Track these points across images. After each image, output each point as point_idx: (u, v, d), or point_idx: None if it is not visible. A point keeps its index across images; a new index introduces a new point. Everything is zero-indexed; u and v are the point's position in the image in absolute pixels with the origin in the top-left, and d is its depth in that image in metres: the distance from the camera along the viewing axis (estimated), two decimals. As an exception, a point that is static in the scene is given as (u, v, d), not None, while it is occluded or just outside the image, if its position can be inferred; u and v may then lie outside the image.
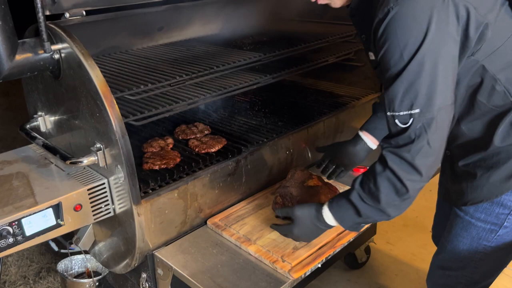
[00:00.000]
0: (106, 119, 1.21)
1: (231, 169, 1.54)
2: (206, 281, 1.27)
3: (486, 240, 1.25)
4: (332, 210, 1.21)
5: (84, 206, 1.30)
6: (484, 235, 1.25)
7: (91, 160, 1.30)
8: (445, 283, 1.43)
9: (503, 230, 1.22)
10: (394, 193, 1.07)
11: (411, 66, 0.99)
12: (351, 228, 1.22)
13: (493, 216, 1.22)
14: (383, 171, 1.08)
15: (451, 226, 1.35)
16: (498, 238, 1.24)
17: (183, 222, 1.45)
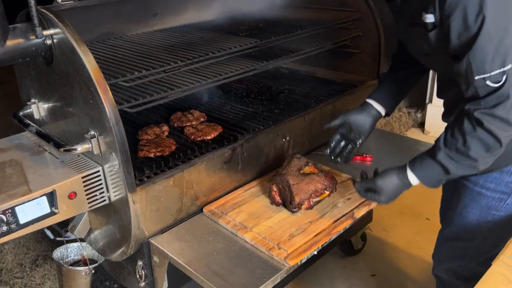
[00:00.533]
0: (100, 106, 1.19)
1: (227, 156, 1.53)
2: (202, 268, 1.27)
3: (495, 209, 1.30)
4: (415, 170, 1.25)
5: (78, 194, 1.29)
6: (494, 204, 1.30)
7: (85, 147, 1.28)
8: (453, 256, 1.47)
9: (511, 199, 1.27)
10: (485, 150, 1.10)
11: (497, 21, 0.98)
12: (433, 185, 1.25)
13: (503, 185, 1.26)
14: (473, 131, 1.09)
15: (459, 198, 1.39)
16: (507, 207, 1.28)
17: (179, 209, 1.45)
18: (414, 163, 1.27)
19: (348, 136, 1.56)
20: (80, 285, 1.55)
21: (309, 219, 1.43)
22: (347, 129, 1.54)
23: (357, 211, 1.46)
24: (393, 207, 2.72)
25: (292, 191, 1.42)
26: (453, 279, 1.52)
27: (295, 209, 1.44)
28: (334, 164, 1.63)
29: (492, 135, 1.08)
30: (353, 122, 1.53)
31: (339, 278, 2.21)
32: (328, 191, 1.49)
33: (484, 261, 1.45)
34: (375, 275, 2.23)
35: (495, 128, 1.07)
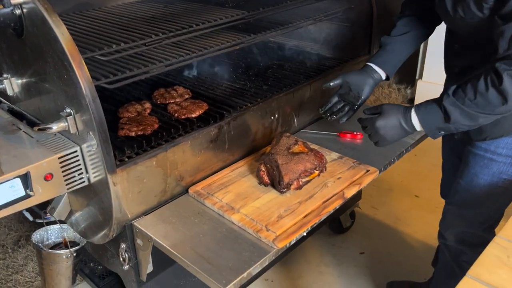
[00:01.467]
0: (75, 82, 1.11)
1: (213, 135, 1.47)
2: (187, 251, 1.22)
3: (506, 174, 1.32)
4: (419, 113, 1.23)
5: (55, 175, 1.22)
6: (505, 169, 1.31)
7: (61, 126, 1.21)
8: (461, 223, 1.48)
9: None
10: (501, 104, 1.08)
11: None
12: (432, 133, 1.23)
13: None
14: (497, 85, 1.07)
15: (468, 166, 1.39)
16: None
17: (163, 191, 1.39)
18: (420, 106, 1.24)
19: (347, 97, 1.52)
20: (61, 268, 1.50)
21: (298, 200, 1.38)
22: (346, 90, 1.51)
23: (347, 191, 1.42)
24: (382, 184, 2.71)
25: (280, 171, 1.37)
26: (460, 246, 1.53)
27: (284, 190, 1.39)
28: (324, 142, 1.59)
29: (503, 95, 1.06)
30: (353, 82, 1.49)
31: (327, 256, 2.20)
32: (318, 171, 1.44)
33: (490, 226, 1.49)
34: (364, 253, 2.23)
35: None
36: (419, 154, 2.81)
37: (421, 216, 2.46)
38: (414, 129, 1.27)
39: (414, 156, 2.83)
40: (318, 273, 2.10)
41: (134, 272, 1.44)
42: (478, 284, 0.95)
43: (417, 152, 2.79)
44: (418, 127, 1.25)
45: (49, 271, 1.50)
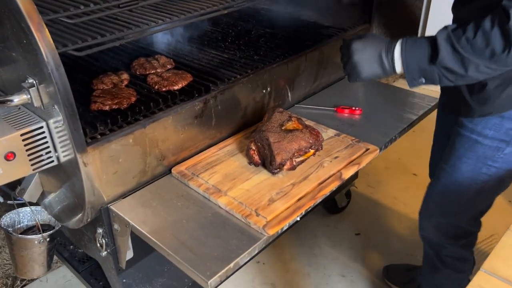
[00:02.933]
0: (35, 47, 0.96)
1: (198, 110, 1.33)
2: (168, 239, 1.10)
3: (491, 160, 1.24)
4: (406, 45, 1.08)
5: (18, 155, 1.08)
6: (490, 154, 1.23)
7: (23, 98, 1.06)
8: (442, 212, 1.40)
9: (509, 148, 1.20)
10: (501, 50, 0.95)
11: None
12: (410, 75, 1.08)
13: (502, 132, 1.19)
14: (490, 29, 0.95)
15: (453, 149, 1.30)
16: (504, 158, 1.22)
17: (142, 171, 1.26)
18: (409, 38, 1.09)
19: None
20: (34, 254, 1.38)
21: (291, 181, 1.26)
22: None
23: (345, 172, 1.30)
24: (379, 162, 2.60)
25: (272, 150, 1.24)
26: (441, 238, 1.46)
27: (276, 170, 1.27)
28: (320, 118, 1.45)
29: (507, 37, 0.93)
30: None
31: (322, 237, 2.11)
32: (313, 150, 1.32)
33: (474, 218, 1.40)
34: (359, 234, 2.13)
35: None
36: (418, 130, 2.68)
37: (419, 196, 2.33)
38: (393, 68, 1.10)
39: (412, 132, 2.70)
40: (311, 255, 2.01)
41: (112, 259, 1.33)
42: (494, 279, 0.84)
43: (415, 129, 2.68)
44: (399, 66, 1.10)
45: (20, 257, 1.38)
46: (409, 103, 1.74)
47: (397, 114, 1.65)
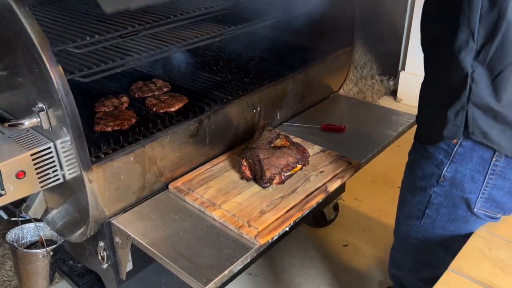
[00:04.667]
0: (46, 75, 1.06)
1: (193, 129, 1.43)
2: (167, 249, 1.19)
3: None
4: None
5: (28, 173, 1.17)
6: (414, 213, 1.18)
7: (33, 122, 1.15)
8: (408, 235, 1.35)
9: (425, 220, 1.16)
10: None
11: None
12: None
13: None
14: None
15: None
16: (423, 227, 1.17)
17: (141, 187, 1.35)
18: None
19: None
20: (38, 268, 1.45)
21: (280, 194, 1.36)
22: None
23: (330, 185, 1.41)
24: (365, 176, 2.71)
25: (262, 165, 1.35)
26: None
27: (266, 184, 1.37)
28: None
29: None
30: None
31: (311, 249, 2.20)
32: (300, 165, 1.42)
33: (427, 279, 1.28)
34: (347, 245, 2.22)
35: None
36: (402, 145, 2.80)
37: (404, 208, 2.46)
38: None
39: (397, 147, 2.83)
40: (302, 266, 2.09)
41: (113, 271, 1.41)
42: (460, 277, 0.94)
43: (400, 144, 2.79)
44: None
45: (25, 271, 1.45)
46: (390, 120, 1.86)
47: (378, 130, 1.76)
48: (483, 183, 0.99)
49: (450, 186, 1.04)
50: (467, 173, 0.99)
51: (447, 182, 1.04)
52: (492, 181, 0.98)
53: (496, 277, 0.94)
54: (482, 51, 0.87)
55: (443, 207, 1.08)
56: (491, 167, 0.96)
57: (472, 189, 1.00)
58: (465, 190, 1.02)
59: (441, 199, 1.08)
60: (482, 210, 1.03)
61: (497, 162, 0.95)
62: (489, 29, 0.85)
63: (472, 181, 1.00)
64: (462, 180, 1.01)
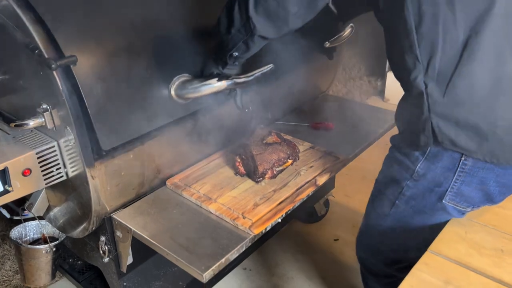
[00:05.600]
0: (51, 78, 1.13)
1: (189, 127, 1.50)
2: (166, 241, 1.26)
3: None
4: None
5: (33, 171, 1.24)
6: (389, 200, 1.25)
7: (37, 122, 1.22)
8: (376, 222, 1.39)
9: (394, 210, 1.23)
10: None
11: None
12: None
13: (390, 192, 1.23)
14: None
15: None
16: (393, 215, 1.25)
17: (141, 183, 1.42)
18: None
19: None
20: (41, 263, 1.51)
21: (273, 188, 1.44)
22: None
23: (319, 178, 1.49)
24: (355, 173, 2.80)
25: (255, 161, 1.42)
26: None
27: (259, 179, 1.45)
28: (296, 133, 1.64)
29: None
30: None
31: (303, 244, 2.27)
32: (291, 160, 1.50)
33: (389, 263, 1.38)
34: (338, 240, 2.31)
35: None
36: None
37: (392, 203, 2.55)
38: None
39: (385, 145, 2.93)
40: (294, 260, 2.17)
41: (114, 264, 1.47)
42: (438, 257, 1.03)
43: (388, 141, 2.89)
44: None
45: (28, 266, 1.51)
46: (376, 118, 1.95)
47: (365, 128, 1.85)
48: (452, 179, 1.07)
49: (422, 181, 1.12)
50: (438, 171, 1.08)
51: (420, 177, 1.12)
52: (461, 177, 1.06)
53: (471, 257, 1.03)
54: (428, 68, 0.98)
55: (413, 199, 1.16)
56: (461, 166, 1.05)
57: (442, 184, 1.09)
58: (435, 185, 1.11)
59: (412, 192, 1.16)
60: (451, 203, 1.11)
61: (466, 161, 1.04)
62: (428, 46, 0.96)
63: (443, 177, 1.09)
64: (434, 176, 1.10)
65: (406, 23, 0.97)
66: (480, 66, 0.94)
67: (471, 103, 0.97)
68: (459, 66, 0.95)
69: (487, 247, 1.06)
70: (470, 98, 0.97)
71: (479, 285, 0.96)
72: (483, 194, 1.09)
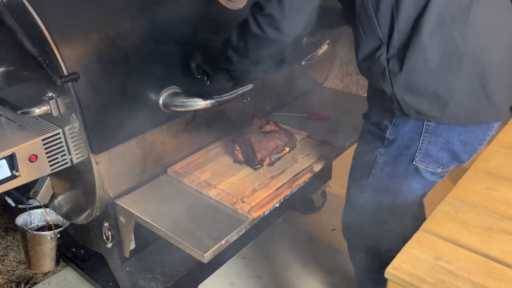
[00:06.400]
0: (57, 66, 1.17)
1: (189, 117, 1.55)
2: (168, 224, 1.31)
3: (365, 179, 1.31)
4: None
5: (39, 157, 1.28)
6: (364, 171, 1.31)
7: (43, 109, 1.26)
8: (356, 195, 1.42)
9: (371, 179, 1.29)
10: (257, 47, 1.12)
11: None
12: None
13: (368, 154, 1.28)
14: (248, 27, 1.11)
15: None
16: (369, 186, 1.30)
17: (143, 170, 1.46)
18: None
19: None
20: (46, 249, 1.55)
21: (270, 175, 1.49)
22: None
23: (315, 165, 1.53)
24: (351, 166, 2.85)
25: (254, 148, 1.47)
26: None
27: (257, 166, 1.49)
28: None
29: (259, 27, 1.08)
30: None
31: (301, 234, 2.32)
32: (289, 148, 1.55)
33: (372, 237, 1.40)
34: (335, 230, 2.35)
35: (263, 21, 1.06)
36: (386, 137, 2.97)
37: (388, 194, 2.59)
38: None
39: (381, 139, 2.98)
40: (292, 250, 2.22)
41: (117, 250, 1.52)
42: (429, 235, 1.07)
43: (383, 135, 2.93)
44: None
45: (34, 252, 1.55)
46: (371, 109, 1.99)
47: (360, 118, 1.89)
48: (419, 140, 1.17)
49: (392, 146, 1.21)
50: (406, 134, 1.18)
51: (390, 143, 1.21)
52: (426, 138, 1.16)
53: (460, 235, 1.07)
54: (389, 46, 1.09)
55: (386, 165, 1.24)
56: (425, 127, 1.15)
57: (411, 146, 1.19)
58: (405, 148, 1.20)
59: (385, 158, 1.24)
60: (422, 164, 1.20)
61: (429, 122, 1.14)
62: (387, 28, 1.08)
63: (411, 139, 1.18)
64: (402, 140, 1.19)
65: (366, 12, 1.09)
66: (428, 38, 1.04)
67: (426, 72, 1.07)
68: (411, 40, 1.05)
69: (476, 225, 1.10)
70: (425, 68, 1.07)
71: (468, 260, 1.00)
72: (450, 154, 1.18)
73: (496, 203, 1.18)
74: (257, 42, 1.11)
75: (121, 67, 1.28)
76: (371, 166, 1.27)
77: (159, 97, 1.37)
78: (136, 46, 1.30)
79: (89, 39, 1.23)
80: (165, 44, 1.35)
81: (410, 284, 0.95)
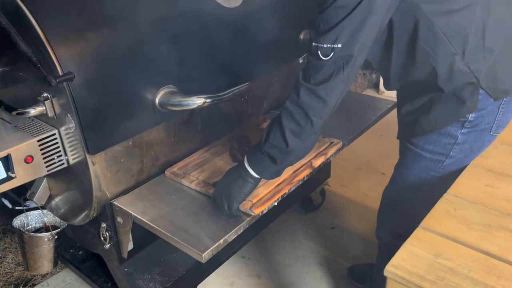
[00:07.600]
0: (51, 67, 1.16)
1: (186, 116, 1.54)
2: (166, 224, 1.29)
3: (434, 171, 1.34)
4: (253, 166, 1.24)
5: (35, 158, 1.27)
6: (432, 166, 1.34)
7: (39, 110, 1.25)
8: (394, 216, 1.52)
9: (449, 160, 1.31)
10: (306, 121, 1.16)
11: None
12: (273, 176, 1.28)
13: (440, 146, 1.29)
14: (296, 100, 1.14)
15: (402, 159, 1.44)
16: (444, 168, 1.33)
17: (140, 170, 1.45)
18: (250, 157, 1.25)
19: None
20: (44, 251, 1.55)
21: (269, 173, 1.47)
22: None
23: (314, 161, 1.52)
24: (351, 164, 2.85)
25: (251, 145, 1.46)
26: (395, 240, 1.47)
27: (256, 164, 1.48)
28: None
29: (304, 110, 1.13)
30: None
31: (300, 232, 2.31)
32: (287, 146, 1.53)
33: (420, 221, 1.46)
34: (334, 228, 2.35)
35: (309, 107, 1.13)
36: (385, 134, 2.96)
37: (387, 192, 2.59)
38: (255, 178, 1.26)
39: (379, 136, 2.97)
40: (292, 248, 2.21)
41: (115, 250, 1.51)
42: (429, 233, 1.07)
43: (382, 133, 2.93)
44: (257, 176, 1.25)
45: (31, 254, 1.54)
46: (369, 106, 1.99)
47: (359, 115, 1.89)
48: (497, 113, 1.26)
49: (476, 127, 1.27)
50: (486, 115, 1.25)
51: (471, 124, 1.26)
52: (503, 108, 1.25)
53: (460, 232, 1.07)
54: (465, 53, 1.17)
55: (467, 143, 1.29)
56: (502, 102, 1.25)
57: (491, 121, 1.27)
58: (487, 124, 1.27)
59: (465, 138, 1.28)
60: (495, 133, 1.31)
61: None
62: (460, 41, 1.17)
63: (492, 116, 1.26)
64: (486, 119, 1.26)
65: (435, 36, 1.15)
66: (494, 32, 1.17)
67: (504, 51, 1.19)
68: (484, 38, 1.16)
69: (476, 222, 1.10)
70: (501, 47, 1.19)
71: (468, 257, 0.99)
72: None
73: (495, 200, 1.17)
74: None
75: (117, 66, 1.27)
76: (449, 150, 1.30)
77: (155, 96, 1.36)
78: (132, 45, 1.30)
79: (84, 39, 1.22)
80: (161, 43, 1.34)
81: (410, 281, 0.94)
